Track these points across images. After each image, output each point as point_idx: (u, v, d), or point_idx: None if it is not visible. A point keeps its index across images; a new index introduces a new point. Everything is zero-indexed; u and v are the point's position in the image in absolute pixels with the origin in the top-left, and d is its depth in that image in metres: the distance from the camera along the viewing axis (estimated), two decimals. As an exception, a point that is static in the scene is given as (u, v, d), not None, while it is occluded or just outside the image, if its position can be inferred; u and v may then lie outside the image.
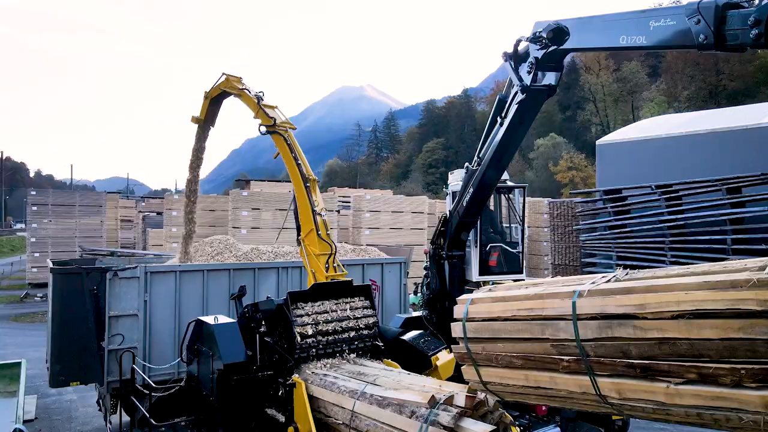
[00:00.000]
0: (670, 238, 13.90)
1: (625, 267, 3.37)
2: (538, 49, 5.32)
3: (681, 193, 14.31)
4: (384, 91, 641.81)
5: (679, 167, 16.44)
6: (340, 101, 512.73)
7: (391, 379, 5.01)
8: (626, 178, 17.37)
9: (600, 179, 20.27)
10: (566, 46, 5.11)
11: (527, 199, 10.16)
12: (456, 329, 4.08)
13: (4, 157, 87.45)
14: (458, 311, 4.09)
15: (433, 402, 4.08)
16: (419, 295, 11.01)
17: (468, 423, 3.84)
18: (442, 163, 77.11)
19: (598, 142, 21.24)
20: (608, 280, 3.22)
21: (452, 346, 4.23)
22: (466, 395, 4.00)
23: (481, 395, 4.06)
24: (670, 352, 2.79)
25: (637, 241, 14.68)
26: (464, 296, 4.20)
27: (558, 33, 5.09)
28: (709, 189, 13.61)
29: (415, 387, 4.63)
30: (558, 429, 7.47)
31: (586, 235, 17.55)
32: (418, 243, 20.85)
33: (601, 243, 16.52)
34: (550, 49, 5.20)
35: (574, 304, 3.21)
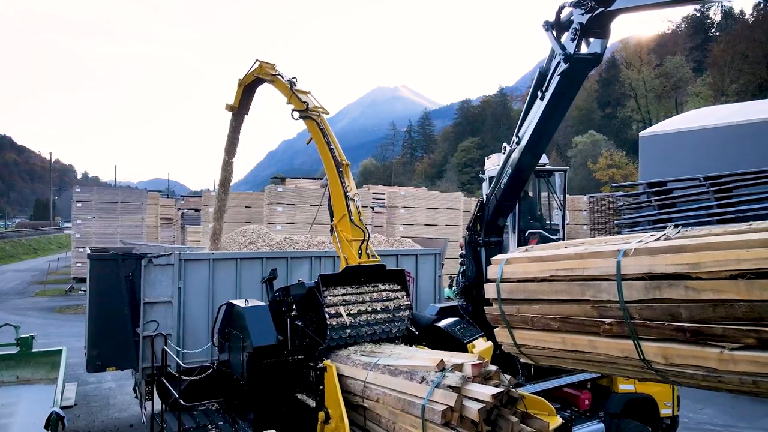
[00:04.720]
0: (720, 232, 13.25)
1: (677, 225, 3.07)
2: (582, 14, 4.99)
3: (731, 185, 13.65)
4: (418, 92, 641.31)
5: (728, 159, 15.70)
6: (375, 102, 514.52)
7: (405, 353, 5.04)
8: (671, 170, 16.69)
9: (643, 173, 19.55)
10: (614, 6, 4.77)
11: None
12: (490, 290, 3.89)
13: (53, 160, 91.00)
14: (492, 272, 3.90)
15: (441, 366, 4.11)
16: (454, 288, 10.73)
17: (475, 386, 3.86)
18: (477, 163, 76.21)
19: (641, 134, 20.51)
20: (657, 239, 2.95)
21: (486, 307, 4.06)
22: (473, 363, 4.05)
23: (491, 367, 4.09)
24: (725, 315, 2.51)
25: (683, 236, 14.06)
26: (499, 256, 4.00)
27: None
28: (761, 180, 12.93)
29: (426, 357, 4.62)
30: (602, 425, 7.10)
31: (628, 230, 16.92)
32: (453, 240, 20.53)
33: (644, 238, 15.87)
34: (596, 12, 4.88)
35: (618, 263, 2.96)
